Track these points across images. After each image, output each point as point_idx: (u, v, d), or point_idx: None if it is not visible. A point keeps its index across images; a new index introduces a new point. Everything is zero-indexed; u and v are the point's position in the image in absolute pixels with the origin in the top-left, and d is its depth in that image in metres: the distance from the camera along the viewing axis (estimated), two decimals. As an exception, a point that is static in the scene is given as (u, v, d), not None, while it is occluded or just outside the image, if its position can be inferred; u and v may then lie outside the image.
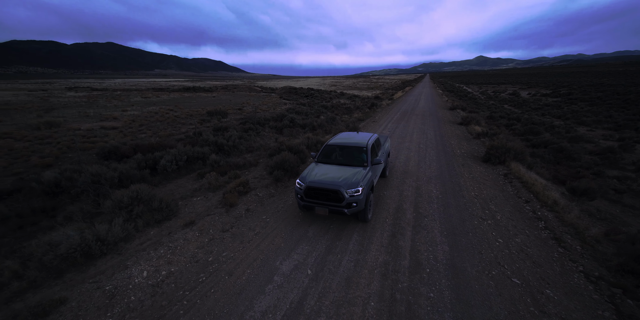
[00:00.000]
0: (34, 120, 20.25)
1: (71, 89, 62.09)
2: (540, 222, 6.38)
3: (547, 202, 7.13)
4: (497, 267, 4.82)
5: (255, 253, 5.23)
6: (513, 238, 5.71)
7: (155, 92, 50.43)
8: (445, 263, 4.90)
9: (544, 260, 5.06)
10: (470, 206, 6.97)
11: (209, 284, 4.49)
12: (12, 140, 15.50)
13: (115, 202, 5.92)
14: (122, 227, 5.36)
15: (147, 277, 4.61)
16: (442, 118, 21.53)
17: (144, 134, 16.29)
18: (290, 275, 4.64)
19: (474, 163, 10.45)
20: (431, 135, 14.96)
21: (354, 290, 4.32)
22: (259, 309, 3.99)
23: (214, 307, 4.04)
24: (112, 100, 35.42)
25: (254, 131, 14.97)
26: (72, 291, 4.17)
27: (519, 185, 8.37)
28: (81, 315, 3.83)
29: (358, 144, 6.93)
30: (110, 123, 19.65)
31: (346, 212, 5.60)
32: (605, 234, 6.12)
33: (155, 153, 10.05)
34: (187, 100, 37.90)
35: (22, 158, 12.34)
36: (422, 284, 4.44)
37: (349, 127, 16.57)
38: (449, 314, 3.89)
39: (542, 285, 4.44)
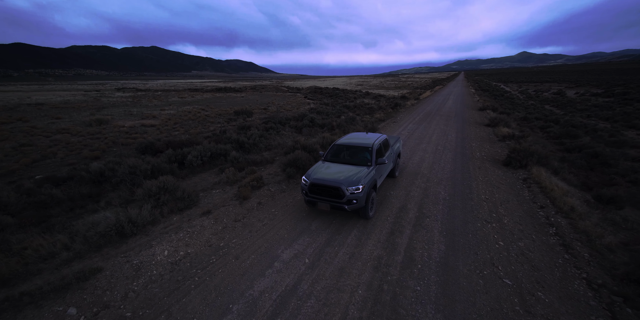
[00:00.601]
0: (87, 118, 22.84)
1: (119, 89, 68.21)
2: (552, 228, 6.22)
3: (564, 208, 6.87)
4: (491, 267, 4.89)
5: (260, 241, 5.75)
6: (516, 242, 5.67)
7: (191, 93, 53.81)
8: (438, 261, 5.06)
9: (545, 265, 5.01)
10: (476, 209, 6.94)
11: (218, 265, 5.08)
12: (69, 135, 17.71)
13: (146, 190, 6.79)
14: (150, 212, 6.17)
15: (167, 255, 5.32)
16: (468, 119, 20.79)
17: (177, 132, 17.75)
18: (289, 262, 5.09)
19: (493, 166, 10.17)
20: (452, 137, 14.64)
21: (345, 279, 4.66)
22: (257, 288, 4.49)
23: (220, 284, 4.61)
24: (153, 100, 38.52)
25: (275, 130, 15.68)
26: (107, 263, 4.98)
27: (537, 190, 8.09)
28: (113, 282, 4.59)
29: (364, 144, 7.20)
30: (150, 121, 21.58)
31: (346, 208, 5.92)
32: (624, 243, 5.85)
33: (184, 149, 11.06)
34: (218, 100, 40.07)
35: (76, 151, 14.13)
36: (411, 278, 4.66)
37: (367, 127, 16.69)
38: (432, 306, 4.09)
39: (534, 288, 4.45)
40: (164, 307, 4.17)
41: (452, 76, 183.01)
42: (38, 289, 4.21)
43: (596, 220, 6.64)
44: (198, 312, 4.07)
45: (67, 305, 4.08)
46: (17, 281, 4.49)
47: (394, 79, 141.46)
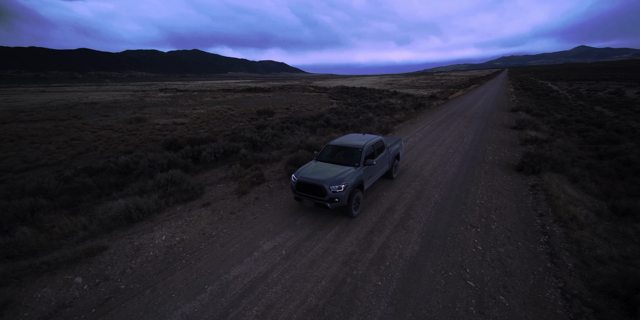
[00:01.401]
0: (128, 116, 25.34)
1: (162, 90, 73.91)
2: (544, 236, 5.97)
3: (563, 217, 6.51)
4: (458, 269, 4.90)
5: (247, 233, 6.25)
6: (497, 247, 5.56)
7: (223, 93, 56.78)
8: (407, 260, 5.17)
9: (520, 272, 4.90)
10: (466, 213, 6.83)
11: (205, 251, 5.66)
12: (111, 131, 19.86)
13: (156, 182, 7.64)
14: (156, 202, 6.97)
15: (164, 240, 6.02)
16: (494, 121, 19.72)
17: (202, 130, 19.10)
18: (267, 253, 5.51)
19: (503, 171, 9.74)
20: (468, 140, 14.10)
21: (313, 270, 4.98)
22: (233, 273, 4.97)
23: (202, 267, 5.17)
24: (188, 100, 41.38)
25: (289, 130, 16.26)
26: (113, 242, 5.78)
27: (543, 197, 7.68)
28: (115, 259, 5.35)
29: (354, 146, 7.39)
30: (181, 119, 23.40)
31: (329, 206, 6.21)
32: (625, 257, 5.46)
33: (201, 146, 12.01)
34: (246, 100, 41.90)
35: (114, 145, 15.91)
36: (375, 273, 4.84)
37: (381, 128, 16.64)
38: (387, 300, 4.27)
39: (498, 292, 4.42)
40: (151, 283, 4.81)
41: (494, 74, 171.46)
42: (55, 260, 5.08)
43: (600, 231, 6.22)
44: (177, 289, 4.65)
45: (75, 275, 4.89)
46: (41, 252, 5.43)
47: (426, 78, 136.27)
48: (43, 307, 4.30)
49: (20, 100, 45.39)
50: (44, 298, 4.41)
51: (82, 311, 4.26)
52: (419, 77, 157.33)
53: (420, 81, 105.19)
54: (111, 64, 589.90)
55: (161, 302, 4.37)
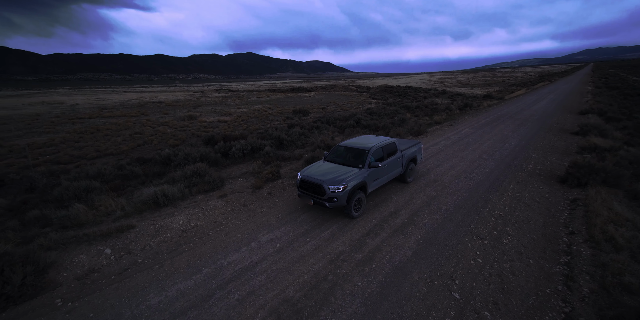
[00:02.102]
0: (183, 114, 28.33)
1: (217, 90, 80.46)
2: (566, 257, 5.32)
3: (597, 237, 5.68)
4: (446, 280, 4.67)
5: (251, 224, 6.72)
6: (501, 263, 5.12)
7: (269, 93, 59.66)
8: (395, 265, 5.08)
9: (520, 291, 4.49)
10: (476, 224, 6.36)
11: (211, 237, 6.27)
12: (167, 127, 22.46)
13: (183, 173, 8.60)
14: (181, 191, 7.87)
15: (181, 224, 6.80)
16: (551, 125, 17.48)
17: (240, 127, 20.51)
18: (263, 244, 5.89)
19: (541, 182, 8.73)
20: (510, 146, 12.81)
21: (299, 265, 5.20)
22: (228, 260, 5.45)
23: (205, 251, 5.75)
24: (236, 100, 44.51)
25: (318, 129, 16.58)
26: (140, 223, 6.74)
27: (581, 214, 6.75)
28: (138, 237, 6.25)
29: (361, 147, 7.36)
30: (225, 118, 25.40)
31: (327, 205, 6.35)
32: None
33: (232, 142, 13.02)
34: (288, 99, 43.46)
35: (166, 139, 18.02)
36: (358, 274, 4.87)
37: (412, 130, 16.00)
38: (361, 300, 4.30)
39: (485, 308, 4.14)
40: (161, 260, 5.53)
41: (573, 69, 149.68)
42: (94, 233, 6.14)
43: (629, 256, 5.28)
44: (180, 268, 5.28)
45: (106, 247, 5.86)
46: (86, 226, 6.60)
47: (486, 75, 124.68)
48: (78, 270, 5.28)
49: (107, 99, 53.66)
50: (79, 263, 5.40)
51: (105, 277, 5.12)
52: (476, 74, 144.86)
53: (477, 79, 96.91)
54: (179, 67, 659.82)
55: (164, 277, 5.02)
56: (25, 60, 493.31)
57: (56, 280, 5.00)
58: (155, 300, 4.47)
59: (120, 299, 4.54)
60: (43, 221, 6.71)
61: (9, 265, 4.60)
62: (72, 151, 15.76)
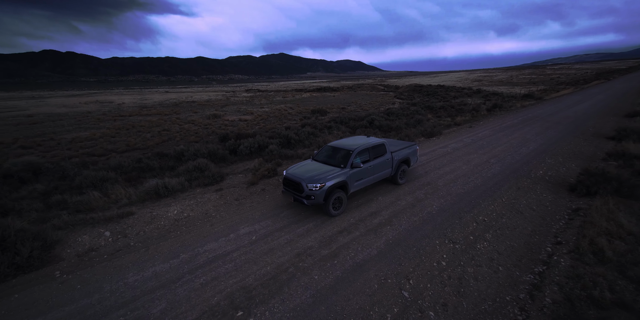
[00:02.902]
0: (209, 113, 30.04)
1: (247, 90, 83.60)
2: (542, 266, 5.05)
3: (584, 248, 5.28)
4: (400, 279, 4.69)
5: (235, 217, 7.15)
6: (466, 267, 5.00)
7: (295, 93, 60.76)
8: (356, 262, 5.17)
9: (476, 296, 4.39)
10: (454, 228, 6.19)
11: (197, 227, 6.79)
12: (192, 125, 24.00)
13: (185, 168, 9.30)
14: (180, 183, 8.55)
15: (175, 214, 7.42)
16: (586, 129, 15.98)
17: (257, 126, 21.32)
18: (241, 236, 6.27)
19: (547, 189, 8.17)
20: (526, 150, 12.00)
21: (267, 257, 5.49)
22: (205, 248, 5.89)
23: (187, 239, 6.26)
24: (262, 99, 46.01)
25: (330, 129, 16.75)
26: (140, 210, 7.47)
27: (577, 224, 6.27)
28: (135, 223, 6.95)
29: (347, 148, 7.45)
30: (246, 117, 26.51)
31: (305, 203, 6.56)
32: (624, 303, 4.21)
33: (243, 140, 13.68)
34: (311, 99, 43.97)
35: (188, 136, 19.32)
36: (318, 268, 5.04)
37: (425, 132, 15.57)
38: (312, 291, 4.49)
39: (431, 308, 4.13)
40: (148, 245, 6.14)
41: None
42: (99, 217, 6.96)
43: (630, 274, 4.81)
44: (161, 252, 5.82)
45: (106, 230, 6.61)
46: (94, 211, 7.47)
47: (533, 72, 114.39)
48: (79, 248, 6.05)
49: (149, 99, 58.28)
50: (82, 242, 6.19)
51: (99, 255, 5.82)
52: (522, 71, 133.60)
53: (522, 76, 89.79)
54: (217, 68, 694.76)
55: (146, 260, 5.59)
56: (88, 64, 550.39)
57: (60, 256, 5.79)
58: (133, 278, 5.02)
59: (105, 275, 5.16)
60: (62, 205, 7.72)
61: (21, 240, 5.44)
62: (106, 145, 17.54)
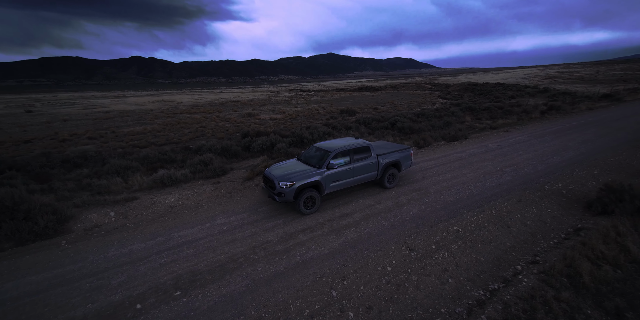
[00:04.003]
0: (245, 112, 31.99)
1: (291, 90, 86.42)
2: (500, 284, 4.60)
3: (559, 270, 4.65)
4: (335, 278, 4.71)
5: (219, 208, 7.71)
6: (411, 275, 4.78)
7: (334, 92, 61.02)
8: (304, 259, 5.30)
9: (410, 304, 4.25)
10: (417, 235, 5.87)
11: (184, 214, 7.50)
12: (227, 123, 25.86)
13: (193, 161, 10.25)
14: (184, 175, 9.47)
15: (172, 201, 8.29)
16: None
17: (283, 125, 22.12)
18: (214, 226, 6.77)
19: (556, 205, 7.20)
20: (556, 160, 10.56)
21: (226, 246, 5.89)
22: (180, 233, 6.51)
23: (169, 224, 6.97)
24: (300, 99, 47.26)
25: (349, 130, 16.69)
26: (144, 196, 8.50)
27: (570, 245, 5.47)
28: (136, 207, 7.94)
29: (327, 149, 7.47)
30: (277, 116, 27.65)
31: (276, 199, 6.82)
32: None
33: (259, 137, 14.44)
34: (348, 99, 43.75)
35: (219, 133, 20.92)
36: (266, 262, 5.28)
37: (449, 135, 14.59)
38: (248, 281, 4.77)
39: (353, 309, 4.12)
40: (138, 226, 7.00)
41: None
42: (110, 199, 8.13)
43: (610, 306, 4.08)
44: (144, 234, 6.60)
45: (112, 210, 7.70)
46: (111, 194, 8.71)
47: (630, 67, 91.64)
48: (87, 223, 7.18)
49: (203, 98, 64.02)
50: (90, 219, 7.32)
51: (100, 231, 6.83)
52: (614, 66, 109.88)
53: (613, 72, 75.42)
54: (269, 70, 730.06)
55: (129, 239, 6.41)
56: (164, 68, 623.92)
57: (70, 229, 6.96)
58: (112, 253, 5.84)
59: (94, 248, 6.08)
60: (88, 187, 9.17)
61: (42, 213, 6.69)
62: (151, 139, 19.94)
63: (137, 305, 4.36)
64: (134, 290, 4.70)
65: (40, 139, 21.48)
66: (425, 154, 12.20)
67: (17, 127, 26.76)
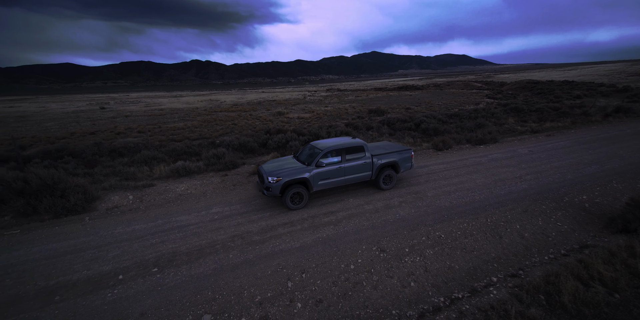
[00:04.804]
0: (275, 110, 33.16)
1: (328, 90, 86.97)
2: (466, 293, 4.36)
3: (537, 287, 4.20)
4: (295, 271, 4.85)
5: (219, 198, 8.27)
6: (372, 275, 4.73)
7: (371, 92, 59.94)
8: (274, 251, 5.54)
9: (362, 302, 4.29)
10: (395, 238, 5.69)
11: (188, 202, 8.20)
12: (257, 121, 27.10)
13: (208, 155, 11.08)
14: (198, 167, 10.30)
15: (182, 190, 9.09)
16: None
17: (308, 124, 22.51)
18: (208, 214, 7.31)
19: (570, 219, 6.43)
20: (595, 169, 9.31)
21: (211, 234, 6.34)
22: (177, 218, 7.15)
23: (172, 210, 7.68)
24: (334, 99, 47.43)
25: (369, 130, 16.47)
26: (160, 183, 9.43)
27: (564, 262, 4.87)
28: (151, 192, 8.87)
29: (319, 147, 7.54)
30: (305, 115, 28.19)
31: (264, 193, 7.12)
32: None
33: (277, 135, 15.00)
34: (383, 98, 42.70)
35: (246, 130, 22.10)
36: (239, 250, 5.61)
37: (476, 138, 13.58)
38: (216, 266, 5.16)
39: (303, 301, 4.27)
40: (147, 209, 7.84)
41: None
42: (131, 184, 9.20)
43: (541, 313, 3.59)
44: (150, 216, 7.38)
45: (131, 194, 8.72)
46: (135, 180, 9.84)
47: None
48: (109, 204, 8.24)
49: (244, 98, 67.72)
50: (111, 200, 8.39)
51: (117, 211, 7.81)
52: None
53: None
54: (312, 70, 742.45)
55: (136, 219, 7.23)
56: (218, 70, 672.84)
57: (95, 207, 8.06)
58: (118, 230, 6.66)
59: (107, 224, 7.00)
60: (119, 173, 10.47)
61: (73, 192, 7.87)
62: (187, 134, 21.82)
63: (119, 276, 4.97)
64: (122, 263, 5.35)
65: (102, 131, 24.73)
66: (441, 157, 11.55)
67: (89, 121, 31.14)
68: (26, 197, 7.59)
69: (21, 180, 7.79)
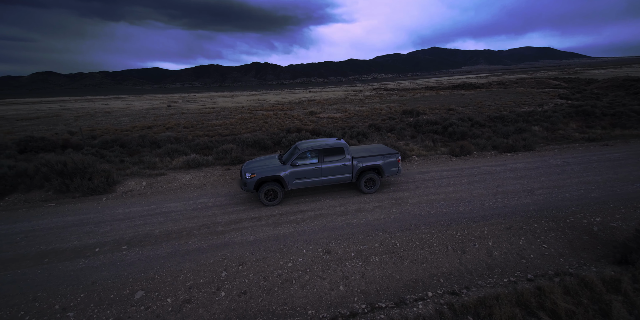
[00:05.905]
0: (308, 110, 33.75)
1: (374, 89, 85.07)
2: (389, 303, 4.12)
3: (467, 307, 3.76)
4: (234, 262, 5.15)
5: (211, 190, 8.94)
6: (305, 275, 4.74)
7: (420, 91, 56.91)
8: (228, 242, 5.88)
9: (284, 298, 4.45)
10: (347, 242, 5.56)
11: (186, 191, 9.03)
12: (288, 119, 28.01)
13: (217, 150, 11.96)
14: (206, 160, 11.21)
15: (187, 180, 10.02)
16: None
17: (334, 124, 22.50)
18: (195, 203, 7.97)
19: (562, 242, 5.54)
20: (634, 188, 7.67)
21: (185, 221, 6.92)
22: (167, 204, 7.96)
23: (168, 196, 8.55)
24: (375, 98, 46.32)
25: (390, 131, 15.92)
26: (170, 173, 10.52)
27: (528, 287, 4.24)
28: (160, 181, 9.96)
29: (300, 148, 7.61)
30: (337, 115, 28.18)
31: (242, 188, 7.50)
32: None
33: (292, 134, 15.43)
34: (429, 98, 40.26)
35: (274, 127, 23.04)
36: (199, 238, 6.08)
37: (504, 144, 12.17)
38: (172, 250, 5.67)
39: (229, 290, 4.46)
40: (152, 195, 8.86)
41: None
42: (148, 173, 10.45)
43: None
44: (149, 201, 8.33)
45: (145, 181, 9.91)
46: (152, 169, 11.13)
47: None
48: (125, 188, 9.51)
49: (288, 97, 70.31)
50: (127, 185, 9.66)
51: (129, 195, 9.00)
52: None
53: None
54: (363, 68, 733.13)
55: (138, 203, 8.24)
56: (274, 71, 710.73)
57: (114, 190, 9.39)
58: (118, 211, 7.70)
59: (114, 205, 8.12)
60: (143, 162, 11.95)
61: (98, 175, 9.29)
62: (221, 130, 23.62)
63: (97, 249, 5.81)
64: (105, 239, 6.22)
65: (157, 126, 28.11)
66: (452, 163, 10.64)
67: (153, 117, 35.64)
68: (63, 177, 9.22)
69: (61, 164, 9.48)
